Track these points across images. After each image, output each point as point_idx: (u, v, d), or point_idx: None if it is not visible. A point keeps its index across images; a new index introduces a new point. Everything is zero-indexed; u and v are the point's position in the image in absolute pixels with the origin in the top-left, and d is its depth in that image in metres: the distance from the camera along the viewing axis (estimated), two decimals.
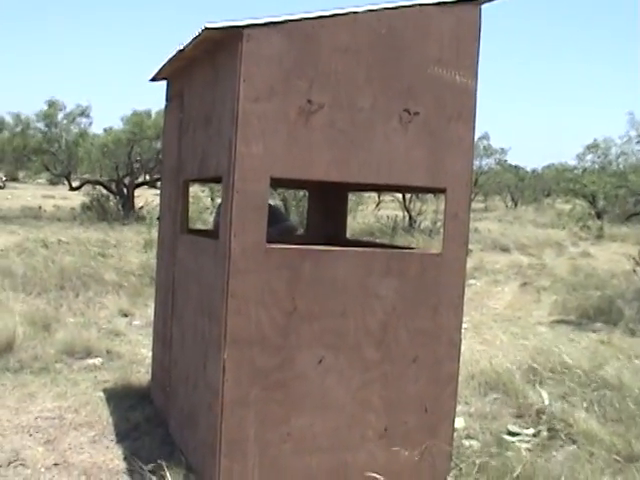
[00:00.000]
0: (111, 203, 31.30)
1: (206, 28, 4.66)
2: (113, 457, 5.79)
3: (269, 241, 4.74)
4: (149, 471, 5.21)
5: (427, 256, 5.36)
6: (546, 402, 7.09)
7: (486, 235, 27.71)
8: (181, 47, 5.34)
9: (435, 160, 5.10)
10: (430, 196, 27.85)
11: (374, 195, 37.69)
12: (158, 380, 6.87)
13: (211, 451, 4.88)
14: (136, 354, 8.90)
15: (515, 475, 5.34)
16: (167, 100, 7.01)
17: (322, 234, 7.02)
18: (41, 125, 32.86)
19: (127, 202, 31.25)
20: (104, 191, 31.74)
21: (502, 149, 53.73)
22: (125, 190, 31.93)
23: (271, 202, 8.91)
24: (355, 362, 5.00)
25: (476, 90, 5.23)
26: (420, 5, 5.05)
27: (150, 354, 7.50)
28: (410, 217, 29.74)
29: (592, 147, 35.29)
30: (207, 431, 5.03)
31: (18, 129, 32.49)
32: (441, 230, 5.39)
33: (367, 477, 4.96)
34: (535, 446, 6.19)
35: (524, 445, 6.15)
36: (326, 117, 4.79)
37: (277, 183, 6.60)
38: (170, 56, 5.79)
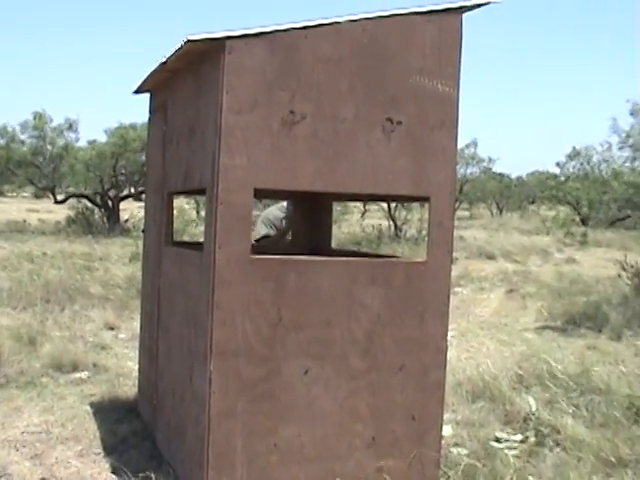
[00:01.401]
0: (96, 216, 31.18)
1: (188, 40, 4.67)
2: (100, 470, 5.78)
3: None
4: None
5: (412, 264, 5.37)
6: (533, 408, 7.08)
7: (471, 243, 27.73)
8: (164, 59, 5.34)
9: (419, 169, 5.11)
10: (415, 205, 27.90)
11: (359, 204, 37.75)
12: (145, 393, 6.85)
13: (199, 463, 4.88)
14: (122, 367, 8.87)
15: None
16: (150, 112, 7.01)
17: (307, 244, 7.03)
18: (26, 137, 32.68)
19: (112, 215, 31.17)
20: (89, 204, 31.61)
21: (490, 158, 53.75)
22: (110, 203, 31.84)
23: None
24: (341, 372, 5.00)
25: (458, 99, 5.25)
26: (402, 15, 5.06)
27: (137, 367, 7.48)
28: (395, 226, 29.78)
29: (573, 155, 35.40)
30: (194, 443, 5.02)
31: (2, 141, 32.24)
32: (426, 238, 5.40)
33: None
34: (523, 452, 6.19)
35: (512, 452, 6.14)
36: (309, 127, 4.80)
37: (262, 194, 6.60)
38: (153, 68, 5.79)
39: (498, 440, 6.46)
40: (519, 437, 6.56)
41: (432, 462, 5.33)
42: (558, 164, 38.03)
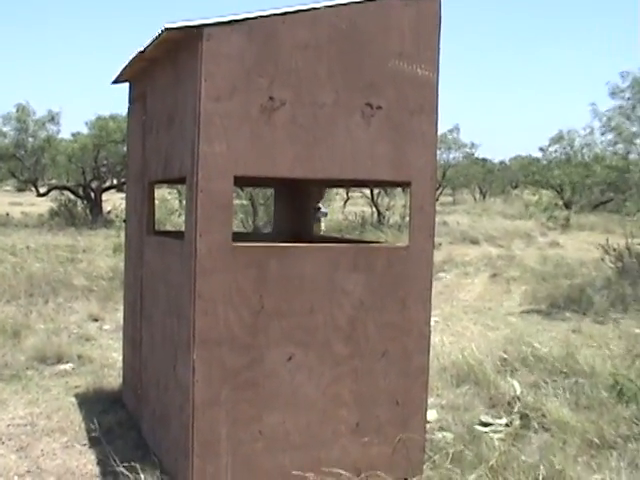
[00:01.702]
0: (79, 208, 31.05)
1: (166, 29, 4.65)
2: (86, 462, 5.77)
3: None
4: (122, 474, 5.18)
5: (394, 250, 5.37)
6: (518, 391, 7.11)
7: (455, 228, 27.81)
8: (142, 48, 5.32)
9: (399, 154, 5.11)
10: (399, 191, 27.91)
11: (342, 192, 37.71)
12: (129, 383, 6.84)
13: (184, 452, 4.87)
14: (107, 358, 8.87)
15: (490, 465, 5.35)
16: (130, 102, 6.98)
17: (289, 231, 7.02)
18: (8, 130, 32.48)
19: (95, 207, 31.06)
20: (72, 196, 31.48)
21: (472, 143, 53.76)
22: (93, 195, 31.71)
23: None
24: (325, 358, 5.00)
25: (438, 83, 5.24)
26: None
27: (121, 358, 7.47)
28: (379, 213, 29.79)
29: (556, 139, 35.40)
30: (179, 432, 5.02)
31: None
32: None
33: (340, 472, 4.96)
34: (508, 435, 6.20)
35: (497, 435, 6.16)
36: (288, 114, 4.79)
37: (243, 182, 6.58)
38: (131, 58, 5.76)
39: (483, 424, 6.47)
40: (504, 420, 6.58)
41: (417, 446, 5.34)
42: (541, 148, 38.03)
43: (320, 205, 8.85)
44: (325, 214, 8.93)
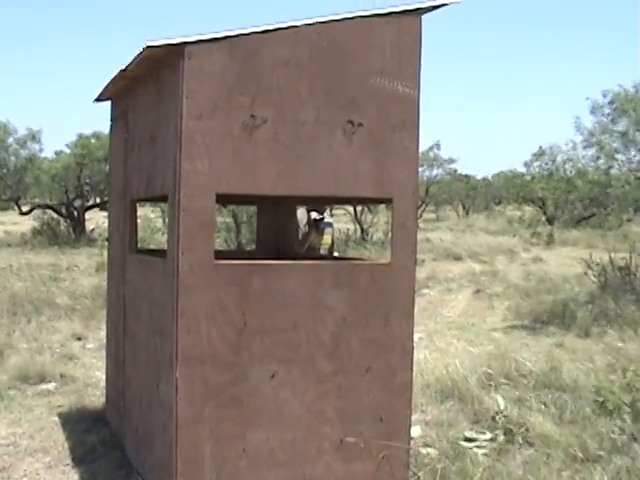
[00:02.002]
0: (62, 227, 30.94)
1: (147, 46, 4.65)
2: None
3: None
4: None
5: (376, 266, 5.38)
6: (502, 406, 7.10)
7: (438, 244, 27.82)
8: (123, 67, 5.32)
9: (381, 170, 5.12)
10: (382, 207, 27.92)
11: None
12: (113, 402, 6.82)
13: (167, 471, 4.86)
14: (91, 377, 8.83)
15: None
16: (112, 120, 6.98)
17: (273, 248, 7.02)
18: None
19: (78, 225, 30.94)
20: (54, 215, 31.39)
21: (451, 158, 53.67)
22: (76, 213, 31.61)
23: None
24: (308, 375, 5.00)
25: (419, 99, 5.26)
26: (361, 17, 5.08)
27: (104, 376, 7.44)
28: (362, 229, 29.79)
29: (538, 155, 35.38)
30: (163, 451, 5.00)
31: None
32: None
33: None
34: (492, 451, 6.20)
35: (481, 450, 6.15)
36: (270, 131, 4.80)
37: (225, 199, 6.58)
38: (113, 76, 5.77)
39: (467, 439, 6.46)
40: (488, 436, 6.55)
41: (401, 463, 5.34)
42: (526, 163, 38.01)
43: (324, 215, 8.72)
44: (330, 224, 8.71)
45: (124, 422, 6.24)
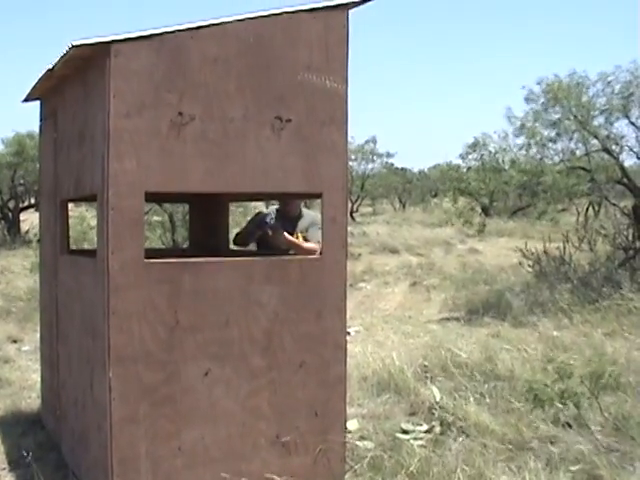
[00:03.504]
0: None
1: (73, 45, 4.62)
2: None
3: None
4: None
5: (307, 261, 5.40)
6: (437, 398, 7.17)
7: (375, 238, 27.95)
8: (50, 66, 5.28)
9: (310, 165, 5.14)
10: (318, 202, 27.90)
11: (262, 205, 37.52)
12: (48, 404, 6.77)
13: (103, 471, 4.83)
14: (26, 380, 8.74)
15: (410, 471, 5.41)
16: (41, 120, 6.92)
17: (205, 247, 7.00)
18: None
19: (13, 227, 30.58)
20: None
21: (388, 153, 54.00)
22: (10, 214, 31.25)
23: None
24: (242, 371, 5.00)
25: (347, 94, 5.29)
26: (287, 12, 5.09)
27: (40, 379, 7.37)
28: None
29: (472, 146, 35.64)
30: (98, 451, 4.98)
31: None
32: None
33: None
34: (428, 442, 6.26)
35: (418, 442, 6.21)
36: (198, 129, 4.80)
37: (155, 198, 6.56)
38: (40, 75, 5.72)
39: (404, 431, 6.52)
40: (424, 427, 6.63)
41: (338, 457, 5.36)
42: (461, 155, 38.31)
43: (270, 213, 8.48)
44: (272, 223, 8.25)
45: (60, 424, 6.20)
